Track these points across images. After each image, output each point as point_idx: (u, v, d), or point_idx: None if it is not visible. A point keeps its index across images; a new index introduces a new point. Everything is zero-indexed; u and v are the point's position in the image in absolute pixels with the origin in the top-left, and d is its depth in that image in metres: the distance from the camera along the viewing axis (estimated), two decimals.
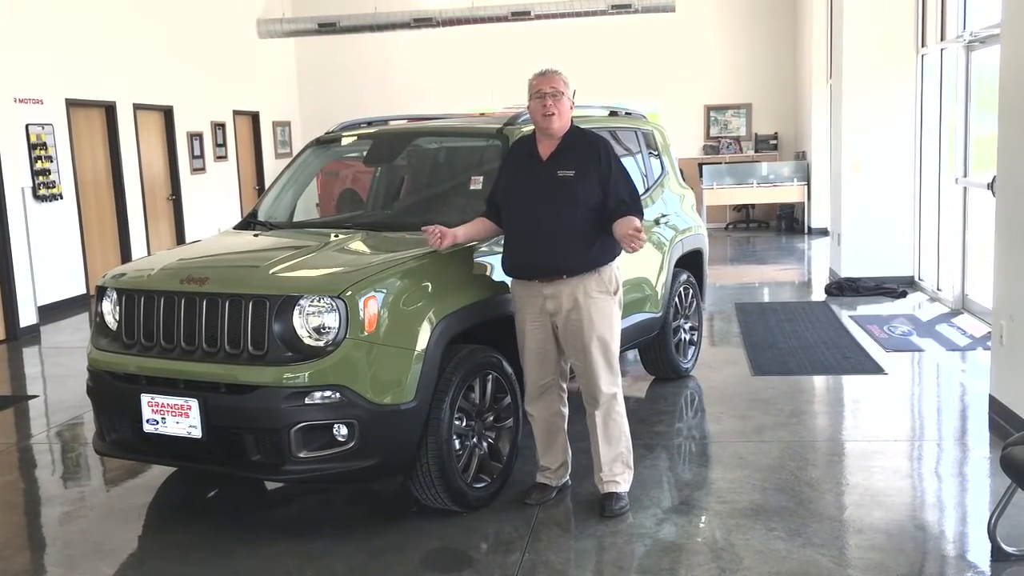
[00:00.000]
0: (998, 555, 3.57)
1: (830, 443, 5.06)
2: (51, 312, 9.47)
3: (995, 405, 5.14)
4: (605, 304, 4.08)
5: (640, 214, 4.08)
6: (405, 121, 5.74)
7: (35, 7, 9.52)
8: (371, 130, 5.55)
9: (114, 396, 4.14)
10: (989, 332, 5.97)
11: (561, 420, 4.31)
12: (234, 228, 5.32)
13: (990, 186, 5.72)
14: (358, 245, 4.49)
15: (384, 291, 3.82)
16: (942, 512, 4.19)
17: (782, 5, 15.12)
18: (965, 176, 8.07)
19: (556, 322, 4.10)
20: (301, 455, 3.73)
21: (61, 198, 9.80)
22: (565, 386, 4.32)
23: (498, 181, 4.29)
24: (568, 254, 4.01)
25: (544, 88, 4.04)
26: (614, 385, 4.17)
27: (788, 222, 14.96)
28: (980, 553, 3.66)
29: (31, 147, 9.32)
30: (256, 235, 4.98)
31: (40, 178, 9.43)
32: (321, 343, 3.73)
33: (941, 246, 8.71)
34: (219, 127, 13.65)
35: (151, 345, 4.02)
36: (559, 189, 4.01)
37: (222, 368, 3.82)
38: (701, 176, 14.30)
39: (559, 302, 4.05)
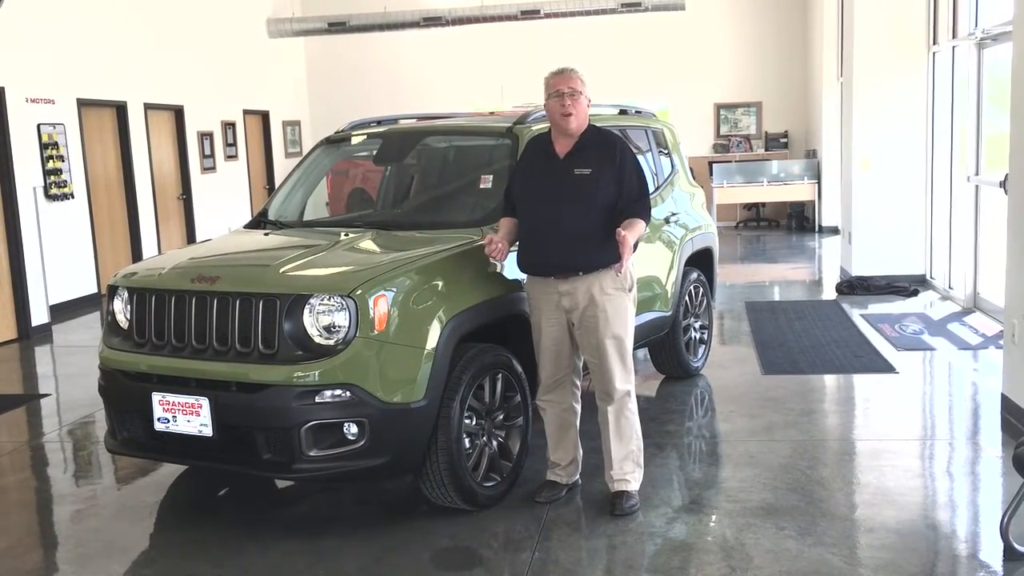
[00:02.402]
0: (1010, 554, 3.55)
1: (841, 442, 5.05)
2: (63, 311, 9.51)
3: (1007, 404, 5.11)
4: (620, 301, 4.09)
5: (647, 213, 4.09)
6: (415, 120, 5.74)
7: (46, 8, 9.55)
8: (381, 129, 5.55)
9: (126, 395, 4.15)
10: (1001, 331, 5.94)
11: (573, 416, 4.31)
12: (245, 227, 5.33)
13: (1002, 184, 5.69)
14: (368, 244, 4.49)
15: (394, 290, 3.83)
16: (954, 511, 4.17)
17: (792, 3, 15.07)
18: (977, 174, 8.04)
19: (572, 319, 4.11)
20: (311, 453, 3.74)
21: (72, 197, 9.84)
22: (579, 382, 4.32)
23: (513, 178, 4.28)
24: (584, 251, 4.01)
25: (562, 87, 4.03)
26: (628, 382, 4.17)
27: (798, 220, 14.92)
28: (992, 552, 3.64)
29: (43, 147, 9.35)
30: (267, 234, 4.99)
31: (52, 178, 9.46)
32: (331, 342, 3.74)
33: (953, 244, 8.67)
34: (229, 126, 13.68)
35: (162, 344, 4.04)
36: (576, 187, 4.01)
37: (233, 367, 3.83)
38: (711, 174, 14.28)
39: (575, 299, 4.05)
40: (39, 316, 8.97)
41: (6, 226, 8.71)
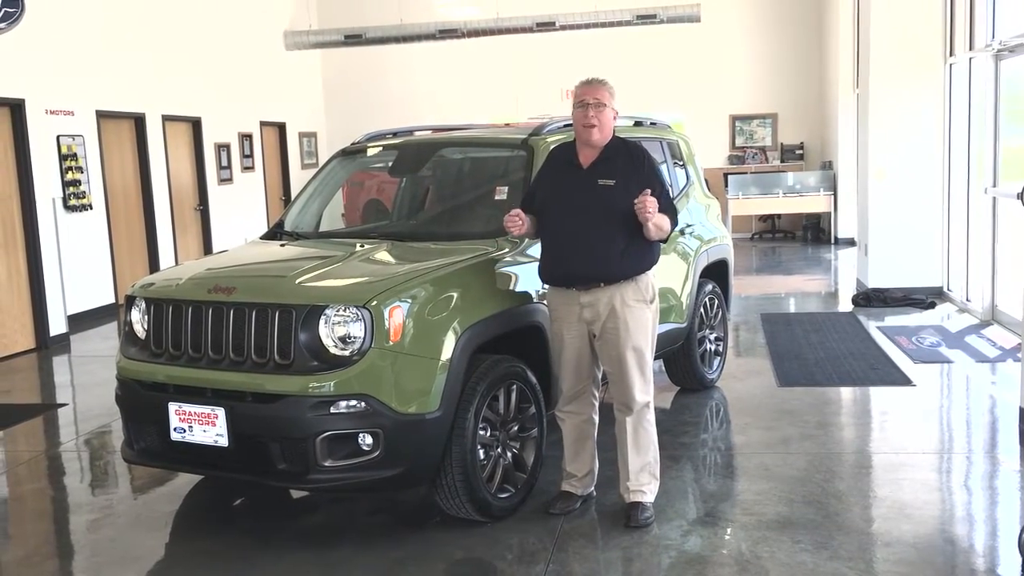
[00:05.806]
0: None
1: (857, 455, 5.02)
2: (80, 321, 9.57)
3: None
4: (642, 313, 4.08)
5: (674, 217, 4.11)
6: (430, 132, 5.76)
7: (66, 21, 9.65)
8: (396, 141, 5.58)
9: (142, 405, 4.18)
10: (1019, 343, 5.90)
11: (591, 427, 4.31)
12: (261, 238, 5.36)
13: (1020, 196, 5.66)
14: (383, 255, 4.51)
15: (409, 301, 3.84)
16: (971, 526, 4.14)
17: (808, 14, 15.06)
18: (994, 186, 7.99)
19: (593, 330, 4.11)
20: (326, 464, 3.75)
21: (91, 208, 9.91)
22: (597, 393, 4.31)
23: (536, 185, 4.28)
24: (606, 262, 4.01)
25: (588, 98, 4.03)
26: (647, 394, 4.17)
27: (814, 232, 14.87)
28: (1010, 567, 3.61)
29: (62, 158, 9.44)
30: (283, 245, 5.01)
31: (70, 188, 9.54)
32: (347, 352, 3.75)
33: (970, 256, 8.62)
34: (246, 138, 13.77)
35: (179, 354, 4.06)
36: (599, 198, 4.01)
37: (248, 377, 3.85)
38: (726, 186, 14.25)
39: (596, 310, 4.05)
40: (57, 326, 9.03)
41: (25, 236, 8.79)
